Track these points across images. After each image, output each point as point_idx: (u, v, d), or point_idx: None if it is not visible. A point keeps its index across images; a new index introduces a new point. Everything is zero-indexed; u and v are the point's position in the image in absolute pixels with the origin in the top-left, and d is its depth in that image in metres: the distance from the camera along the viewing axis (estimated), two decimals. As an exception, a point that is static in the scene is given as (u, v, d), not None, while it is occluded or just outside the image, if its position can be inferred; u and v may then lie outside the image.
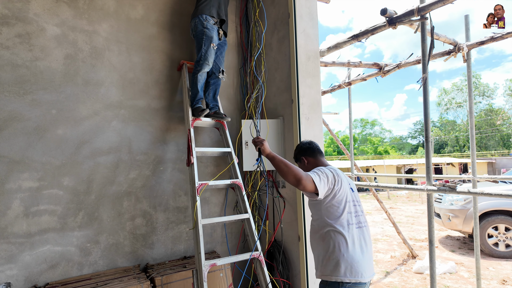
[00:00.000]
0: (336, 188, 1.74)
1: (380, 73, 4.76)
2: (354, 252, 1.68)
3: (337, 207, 1.74)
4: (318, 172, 1.74)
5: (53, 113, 2.58)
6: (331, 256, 1.70)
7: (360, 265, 1.67)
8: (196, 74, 2.82)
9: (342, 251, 1.67)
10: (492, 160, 25.02)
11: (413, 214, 10.96)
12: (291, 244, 2.93)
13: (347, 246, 1.68)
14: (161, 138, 3.04)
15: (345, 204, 1.75)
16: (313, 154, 2.02)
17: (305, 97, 2.87)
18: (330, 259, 1.70)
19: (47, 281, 2.47)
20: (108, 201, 2.75)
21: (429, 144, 2.66)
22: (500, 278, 4.78)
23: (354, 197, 1.84)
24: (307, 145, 2.08)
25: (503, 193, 2.26)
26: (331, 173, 1.77)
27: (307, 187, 1.66)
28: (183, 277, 2.64)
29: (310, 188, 1.67)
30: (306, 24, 2.96)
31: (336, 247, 1.69)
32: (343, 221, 1.72)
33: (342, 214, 1.73)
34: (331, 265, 1.69)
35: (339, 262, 1.67)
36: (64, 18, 2.67)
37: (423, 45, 2.79)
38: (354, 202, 1.82)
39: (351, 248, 1.68)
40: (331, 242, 1.71)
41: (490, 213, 5.85)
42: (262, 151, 1.99)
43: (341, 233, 1.69)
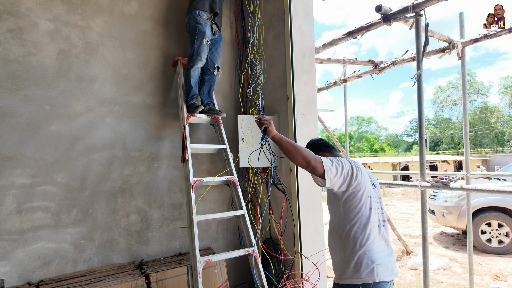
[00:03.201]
0: (355, 181, 1.60)
1: (376, 70, 4.77)
2: (377, 252, 1.56)
3: (358, 202, 1.60)
4: (333, 159, 1.61)
5: (46, 109, 2.55)
6: (350, 258, 1.57)
7: (381, 265, 1.54)
8: (189, 69, 2.81)
9: (364, 250, 1.55)
10: (486, 157, 25.25)
11: (408, 211, 11.04)
12: (286, 240, 2.94)
13: (369, 245, 1.56)
14: (156, 134, 3.03)
15: (366, 200, 1.61)
16: (329, 149, 1.89)
17: (300, 94, 2.87)
18: (350, 261, 1.57)
19: (41, 278, 2.46)
20: (102, 197, 2.74)
21: (423, 141, 2.67)
22: (493, 273, 4.84)
23: (376, 193, 1.70)
24: (320, 141, 1.94)
25: (496, 189, 2.28)
26: (349, 164, 1.63)
27: (317, 169, 1.54)
28: (178, 273, 2.64)
29: (319, 171, 1.55)
30: (302, 20, 2.95)
31: (357, 247, 1.56)
32: (365, 218, 1.59)
33: (364, 211, 1.59)
34: (350, 267, 1.57)
35: (360, 262, 1.54)
36: (57, 13, 2.64)
37: (417, 42, 2.80)
38: (376, 198, 1.68)
39: (374, 247, 1.56)
40: (352, 242, 1.58)
41: (483, 209, 5.91)
42: (269, 132, 1.74)
43: (363, 232, 1.57)
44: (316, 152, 1.86)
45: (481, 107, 35.87)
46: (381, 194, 1.76)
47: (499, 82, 42.80)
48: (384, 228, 1.66)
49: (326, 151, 1.87)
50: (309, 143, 1.98)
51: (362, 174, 1.64)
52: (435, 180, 2.56)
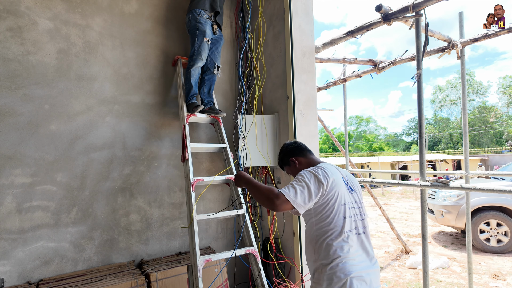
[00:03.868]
0: (326, 191, 1.48)
1: (375, 70, 4.78)
2: (352, 264, 1.43)
3: (330, 212, 1.48)
4: (296, 184, 1.47)
5: (46, 108, 2.55)
6: (323, 271, 1.46)
7: (357, 278, 1.41)
8: (190, 69, 2.80)
9: (337, 262, 1.43)
10: (485, 157, 25.31)
11: (407, 210, 11.06)
12: (286, 240, 2.94)
13: (344, 257, 1.44)
14: (156, 134, 3.03)
15: (339, 208, 1.49)
16: (303, 153, 1.78)
17: (300, 93, 2.87)
18: (323, 273, 1.46)
19: (40, 277, 2.45)
20: (102, 197, 2.74)
21: (423, 140, 2.68)
22: (492, 272, 4.86)
23: (354, 198, 1.58)
24: (293, 145, 1.82)
25: (495, 188, 2.29)
26: (314, 176, 1.50)
27: (285, 207, 1.41)
28: (178, 272, 2.64)
29: (288, 207, 1.42)
30: (302, 19, 2.95)
31: (329, 259, 1.45)
32: (338, 228, 1.47)
33: (337, 220, 1.48)
34: (324, 280, 1.45)
35: (333, 276, 1.42)
36: (57, 12, 2.63)
37: (417, 41, 2.80)
38: (353, 203, 1.55)
39: (349, 259, 1.44)
40: (324, 253, 1.47)
41: (482, 209, 5.93)
42: (237, 185, 1.77)
43: (336, 243, 1.45)
44: (288, 158, 1.79)
45: (479, 107, 35.96)
46: (361, 196, 1.64)
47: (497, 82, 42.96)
48: (365, 236, 1.54)
49: (300, 155, 1.77)
50: (282, 148, 1.87)
51: (335, 180, 1.52)
52: (434, 179, 2.57)
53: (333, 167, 1.61)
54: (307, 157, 1.77)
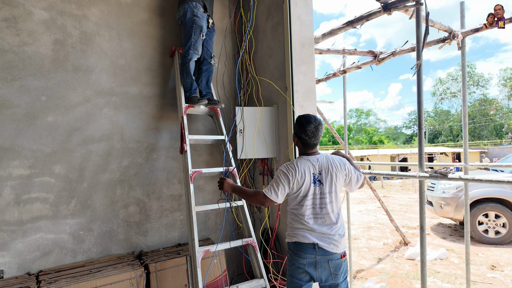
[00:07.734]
0: (295, 185, 1.94)
1: (375, 61, 4.73)
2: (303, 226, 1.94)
3: (294, 199, 1.99)
4: (274, 184, 1.95)
5: (43, 99, 2.53)
6: (289, 233, 2.03)
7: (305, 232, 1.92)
8: (187, 63, 2.77)
9: (293, 223, 2.00)
10: (485, 149, 25.31)
11: (406, 203, 11.11)
12: (284, 230, 2.95)
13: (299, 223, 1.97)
14: (154, 125, 3.01)
15: (302, 198, 1.95)
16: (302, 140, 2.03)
17: (299, 85, 2.84)
18: (287, 228, 2.06)
19: (40, 269, 2.47)
20: (101, 189, 2.74)
21: (422, 132, 2.66)
22: (489, 263, 4.90)
23: (320, 190, 1.96)
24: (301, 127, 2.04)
25: (494, 179, 2.28)
26: (287, 174, 1.93)
27: (268, 204, 1.97)
28: (177, 263, 2.66)
29: (272, 204, 1.97)
30: (301, 10, 2.91)
31: (291, 222, 2.02)
32: (301, 212, 1.95)
33: (299, 206, 1.96)
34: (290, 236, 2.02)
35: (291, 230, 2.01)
36: (52, 2, 2.59)
37: (417, 31, 2.76)
38: (317, 195, 1.95)
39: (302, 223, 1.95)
40: (290, 225, 2.03)
41: (481, 200, 5.95)
42: (225, 189, 2.18)
43: (298, 222, 1.97)
44: (294, 132, 2.08)
45: (480, 99, 35.84)
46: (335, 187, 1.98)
47: (498, 74, 42.75)
48: (322, 220, 1.95)
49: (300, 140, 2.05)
50: (297, 119, 2.13)
51: (303, 176, 1.93)
52: (433, 171, 2.56)
53: (307, 165, 1.97)
54: (302, 144, 2.06)
